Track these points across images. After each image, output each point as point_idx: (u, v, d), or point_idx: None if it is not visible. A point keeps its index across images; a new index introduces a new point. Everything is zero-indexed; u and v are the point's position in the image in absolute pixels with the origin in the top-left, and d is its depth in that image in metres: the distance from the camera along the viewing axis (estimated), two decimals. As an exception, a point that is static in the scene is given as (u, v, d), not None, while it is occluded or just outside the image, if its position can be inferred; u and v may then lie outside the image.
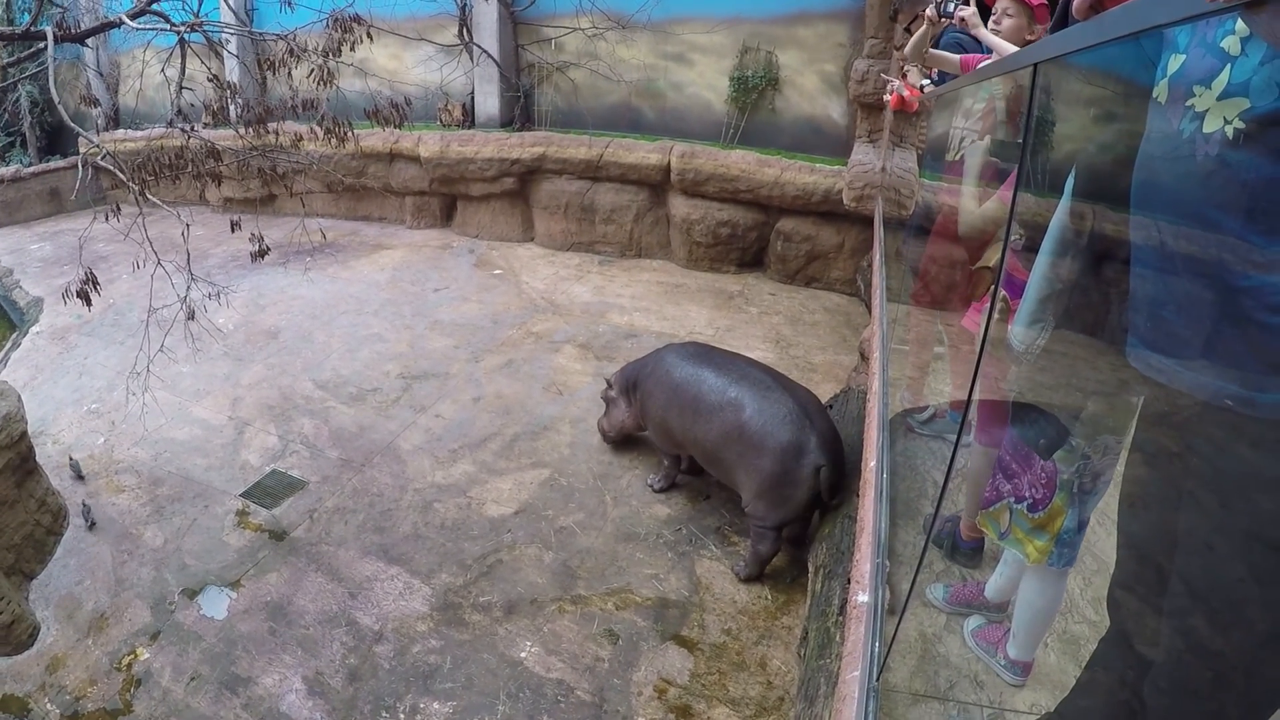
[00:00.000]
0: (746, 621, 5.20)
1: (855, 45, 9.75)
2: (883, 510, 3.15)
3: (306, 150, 8.66)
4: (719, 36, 10.94)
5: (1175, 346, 1.69)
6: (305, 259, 11.56)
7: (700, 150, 10.67)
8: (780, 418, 5.49)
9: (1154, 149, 1.75)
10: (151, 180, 6.07)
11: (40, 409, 8.56)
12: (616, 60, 11.73)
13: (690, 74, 11.40)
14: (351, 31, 6.51)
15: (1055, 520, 2.52)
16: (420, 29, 12.54)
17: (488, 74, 12.59)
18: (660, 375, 6.34)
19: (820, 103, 10.56)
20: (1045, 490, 2.51)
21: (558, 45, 12.19)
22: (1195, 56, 1.59)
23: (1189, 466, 1.72)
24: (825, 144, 10.43)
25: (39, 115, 17.82)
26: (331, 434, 7.81)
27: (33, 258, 14.56)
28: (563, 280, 11.12)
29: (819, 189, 9.76)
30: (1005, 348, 2.45)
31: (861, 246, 9.79)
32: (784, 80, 10.69)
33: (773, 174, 10.07)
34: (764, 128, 10.89)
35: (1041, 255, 2.24)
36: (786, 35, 10.50)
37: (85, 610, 6.07)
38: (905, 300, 6.06)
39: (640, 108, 11.90)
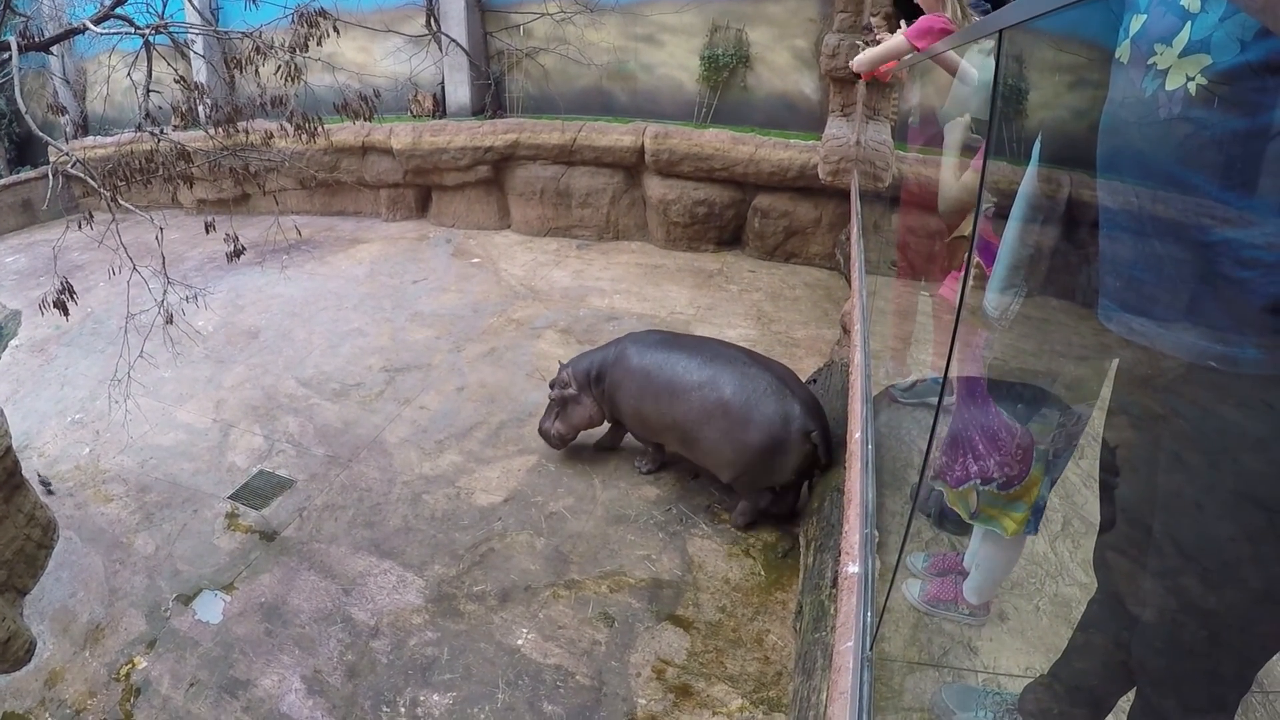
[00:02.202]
0: (741, 598, 5.23)
1: (825, 20, 9.72)
2: (869, 481, 3.17)
3: (278, 148, 8.62)
4: (688, 16, 10.90)
5: (1151, 307, 1.71)
6: (282, 257, 11.49)
7: (674, 130, 10.65)
8: (761, 390, 5.56)
9: (1118, 109, 1.76)
10: (123, 186, 6.04)
11: (24, 422, 8.51)
12: (586, 44, 11.68)
13: (661, 55, 11.37)
14: (318, 26, 6.47)
15: (1031, 490, 2.54)
16: (387, 20, 12.45)
17: (457, 63, 12.52)
18: (628, 363, 6.17)
19: (792, 79, 10.55)
20: (1019, 466, 2.53)
21: (526, 31, 12.13)
22: (1156, 15, 1.60)
23: (1174, 427, 1.74)
24: (799, 120, 10.43)
25: (6, 126, 17.64)
26: (317, 431, 7.79)
27: (7, 270, 14.41)
28: (541, 266, 11.11)
29: (794, 165, 9.76)
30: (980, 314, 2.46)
31: (839, 220, 9.81)
32: (755, 57, 10.67)
33: (747, 151, 10.07)
34: (737, 106, 10.88)
35: (1011, 222, 2.26)
36: (756, 12, 10.47)
37: (80, 622, 6.05)
38: (884, 272, 6.09)
39: (612, 90, 11.86)
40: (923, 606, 3.10)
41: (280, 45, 6.57)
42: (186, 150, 6.56)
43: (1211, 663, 1.78)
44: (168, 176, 6.53)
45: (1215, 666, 1.79)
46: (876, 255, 6.40)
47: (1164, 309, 1.68)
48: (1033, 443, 2.50)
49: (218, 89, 10.32)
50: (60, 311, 5.25)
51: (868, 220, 6.98)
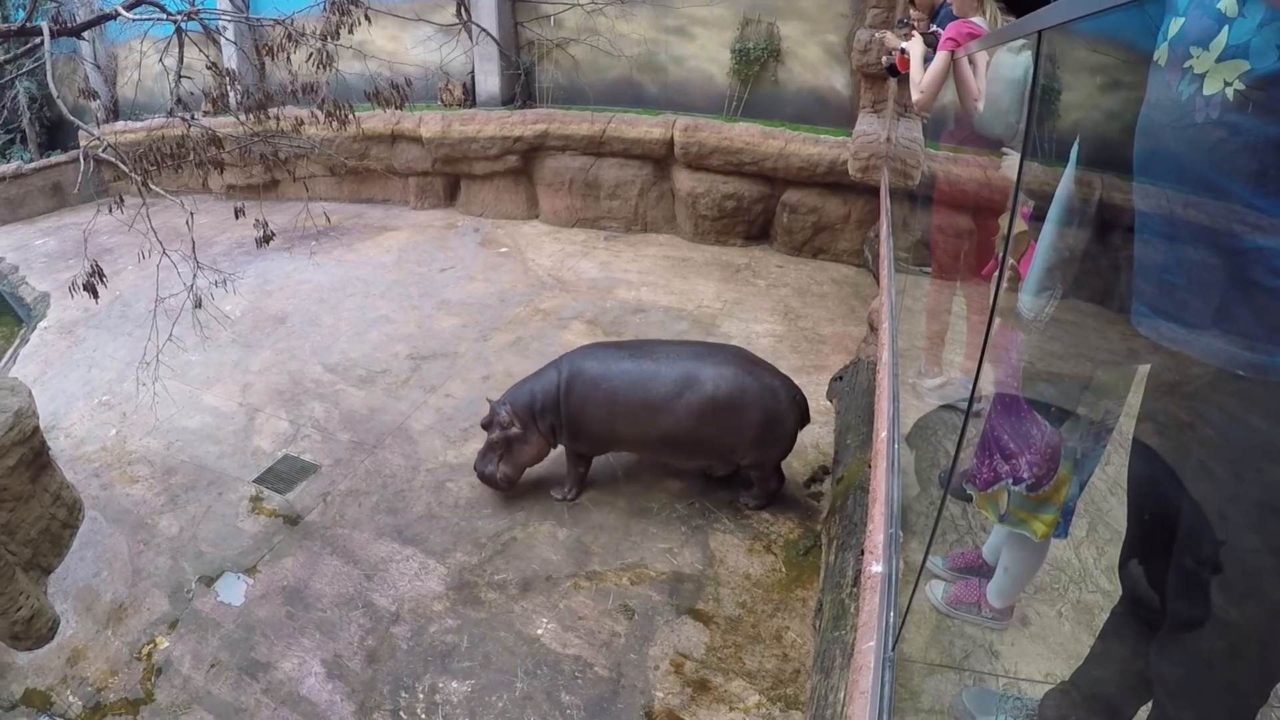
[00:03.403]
0: (761, 594, 5.22)
1: (857, 15, 9.67)
2: (895, 481, 3.15)
3: (308, 135, 8.65)
4: (719, 9, 10.86)
5: (1182, 312, 1.69)
6: (310, 243, 11.56)
7: (704, 123, 10.61)
8: (735, 374, 5.66)
9: (1155, 113, 1.74)
10: (154, 170, 6.07)
11: (51, 403, 8.61)
12: (616, 35, 11.66)
13: (691, 47, 11.34)
14: (349, 14, 6.49)
15: (1060, 491, 2.52)
16: (418, 9, 12.48)
17: (487, 53, 12.54)
18: (586, 389, 5.85)
19: (823, 73, 10.50)
20: (1048, 466, 2.51)
21: (557, 21, 12.12)
22: (1194, 18, 1.58)
23: (1201, 435, 1.72)
24: (829, 115, 10.37)
25: (38, 111, 17.83)
26: (342, 417, 7.84)
27: (37, 253, 14.58)
28: (569, 257, 11.12)
29: (824, 160, 9.71)
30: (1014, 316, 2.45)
31: (868, 217, 9.76)
32: (786, 51, 10.62)
33: (777, 146, 10.03)
34: (767, 100, 10.83)
35: (1048, 224, 2.24)
36: (787, 6, 10.42)
37: (104, 602, 6.12)
38: (913, 270, 6.05)
39: (642, 82, 11.84)
40: (945, 608, 3.08)
41: (312, 33, 6.59)
42: (218, 136, 6.60)
43: (1231, 675, 1.77)
44: (199, 162, 6.55)
45: (1234, 678, 1.77)
46: (906, 253, 6.35)
47: (1195, 314, 1.66)
48: (1061, 441, 2.49)
49: (248, 75, 10.38)
50: (90, 294, 5.29)
51: (897, 217, 6.93)
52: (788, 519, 5.81)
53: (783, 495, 6.05)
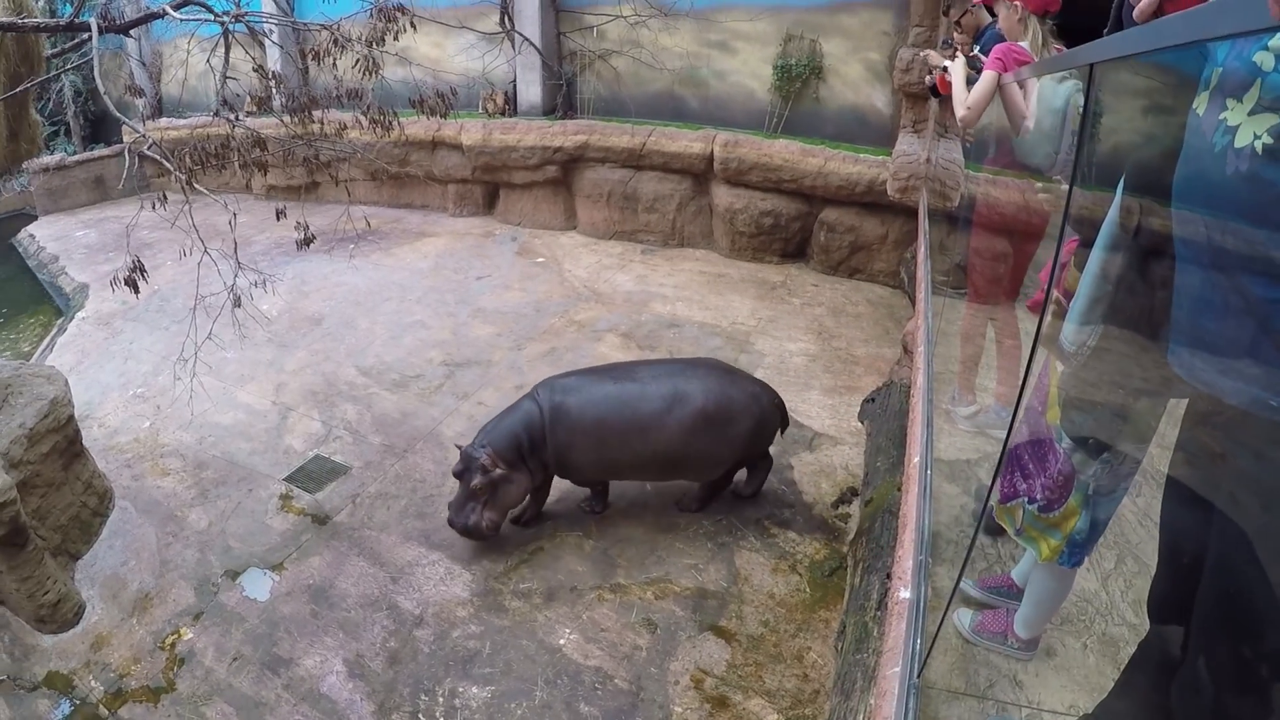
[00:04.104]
0: (784, 614, 5.20)
1: (900, 33, 9.65)
2: (927, 507, 3.14)
3: (350, 138, 8.74)
4: (762, 24, 10.88)
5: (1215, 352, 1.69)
6: (349, 246, 11.67)
7: (744, 139, 10.62)
8: (719, 383, 5.74)
9: (1192, 161, 1.74)
10: (197, 169, 6.15)
11: (87, 393, 8.73)
12: (659, 48, 11.71)
13: (733, 62, 11.35)
14: (395, 21, 6.54)
15: (1068, 521, 2.54)
16: (462, 17, 12.56)
17: (530, 62, 12.62)
18: (572, 417, 5.71)
19: (865, 92, 10.48)
20: (1059, 492, 2.52)
21: (600, 33, 12.19)
22: (1230, 70, 1.58)
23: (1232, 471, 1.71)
24: (870, 134, 10.35)
25: (82, 104, 18.22)
26: (374, 420, 7.89)
27: (78, 244, 14.82)
28: (605, 269, 11.15)
29: (863, 179, 9.69)
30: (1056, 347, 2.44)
31: (905, 238, 9.71)
32: (828, 69, 10.61)
33: (816, 164, 10.01)
34: (808, 117, 10.82)
35: (1093, 258, 2.23)
36: (830, 23, 10.42)
37: (130, 590, 6.19)
38: (950, 293, 6.01)
39: (683, 96, 11.87)
40: (972, 637, 3.07)
41: (357, 38, 6.65)
42: (262, 138, 6.67)
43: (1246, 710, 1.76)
44: (243, 163, 6.63)
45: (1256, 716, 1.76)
46: (943, 276, 6.32)
47: (1227, 355, 1.66)
48: (1074, 473, 2.49)
49: (292, 78, 10.50)
50: (131, 289, 5.36)
51: (935, 239, 6.90)
52: (814, 539, 5.79)
53: (811, 515, 6.03)
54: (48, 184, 17.07)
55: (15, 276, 14.97)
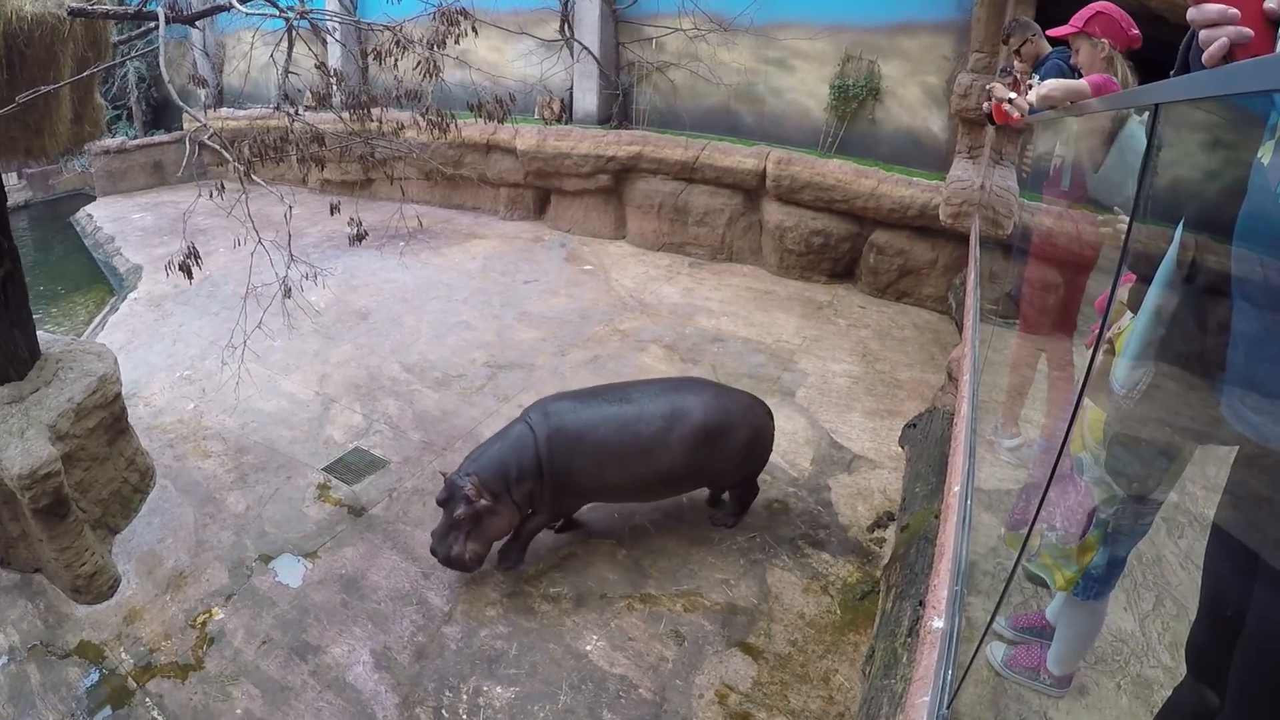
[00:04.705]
0: (813, 634, 5.18)
1: (959, 58, 9.59)
2: (965, 537, 3.11)
3: (406, 138, 8.82)
4: (821, 43, 10.86)
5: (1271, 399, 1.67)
6: (399, 244, 11.78)
7: (797, 157, 10.61)
8: (715, 398, 5.76)
9: (1253, 211, 1.73)
10: (256, 160, 6.24)
11: (134, 372, 8.90)
12: (717, 62, 11.73)
13: (790, 80, 11.34)
14: (457, 24, 6.60)
15: (1085, 554, 2.54)
16: (522, 23, 12.66)
17: (587, 70, 12.70)
18: (573, 443, 5.54)
19: (921, 115, 10.42)
20: (1078, 524, 2.51)
21: (658, 45, 12.23)
22: None
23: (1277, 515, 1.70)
24: (924, 157, 10.29)
25: (145, 91, 18.68)
26: (415, 416, 7.96)
27: (134, 227, 15.13)
28: (652, 280, 11.18)
29: (915, 203, 9.63)
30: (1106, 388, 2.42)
31: (955, 264, 9.64)
32: (885, 91, 10.57)
33: (869, 185, 9.98)
34: (863, 138, 10.78)
35: (1149, 299, 2.21)
36: (890, 45, 10.38)
37: (165, 567, 6.30)
38: (998, 322, 5.96)
39: (739, 111, 11.88)
40: (1005, 671, 3.04)
41: (419, 40, 6.72)
42: (321, 133, 6.76)
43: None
44: (301, 157, 6.72)
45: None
46: (992, 304, 6.27)
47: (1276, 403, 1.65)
48: (1094, 506, 2.47)
49: (353, 76, 10.62)
50: (185, 274, 5.44)
51: (985, 267, 6.85)
52: (847, 561, 5.76)
53: (845, 537, 6.01)
54: (108, 166, 17.54)
55: (71, 254, 15.31)
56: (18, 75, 4.97)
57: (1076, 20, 4.30)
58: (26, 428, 5.90)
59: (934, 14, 9.98)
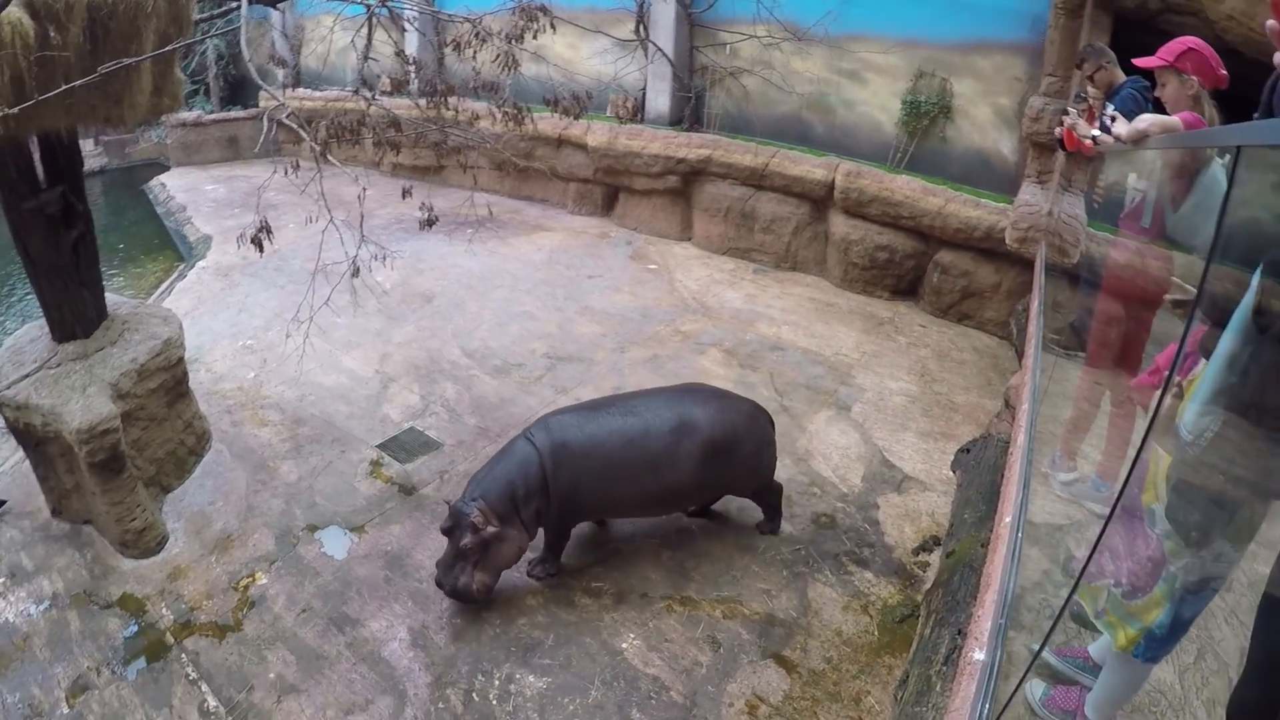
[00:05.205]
0: (849, 653, 5.16)
1: (1032, 81, 9.44)
2: (1013, 570, 3.09)
3: (480, 128, 8.92)
4: (895, 58, 10.76)
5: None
6: (468, 231, 11.91)
7: (866, 171, 10.54)
8: (716, 410, 5.70)
9: None
10: (332, 141, 6.35)
11: (198, 338, 9.13)
12: (790, 71, 11.69)
13: (863, 93, 11.27)
14: (536, 20, 6.67)
15: (1150, 612, 2.46)
16: (598, 21, 12.70)
17: (661, 72, 12.73)
18: (579, 459, 5.41)
19: (991, 136, 10.29)
20: (1146, 579, 2.45)
21: (733, 50, 12.22)
22: None
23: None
24: (993, 179, 10.15)
25: (223, 68, 19.29)
26: (472, 401, 8.06)
27: (206, 198, 15.51)
28: (715, 284, 11.19)
29: (982, 225, 9.53)
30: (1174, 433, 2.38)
31: (1019, 289, 9.50)
32: (957, 109, 10.44)
33: (937, 203, 9.88)
34: (932, 155, 10.68)
35: (1222, 345, 2.18)
36: (963, 63, 10.26)
37: (213, 529, 6.45)
38: (1059, 352, 5.88)
39: (810, 121, 11.82)
40: (1041, 711, 3.01)
41: (497, 33, 6.79)
42: (398, 119, 6.86)
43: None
44: (377, 141, 6.84)
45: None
46: (1055, 334, 6.18)
47: None
48: (1164, 560, 2.42)
49: (429, 65, 10.76)
50: (256, 247, 5.56)
51: (1050, 295, 6.76)
52: (889, 582, 5.73)
53: (890, 558, 5.98)
54: (184, 138, 18.15)
55: (143, 221, 15.75)
56: (100, 46, 5.11)
57: (1166, 54, 4.22)
58: (89, 384, 6.09)
59: (1008, 34, 9.84)
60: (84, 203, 6.45)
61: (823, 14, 10.96)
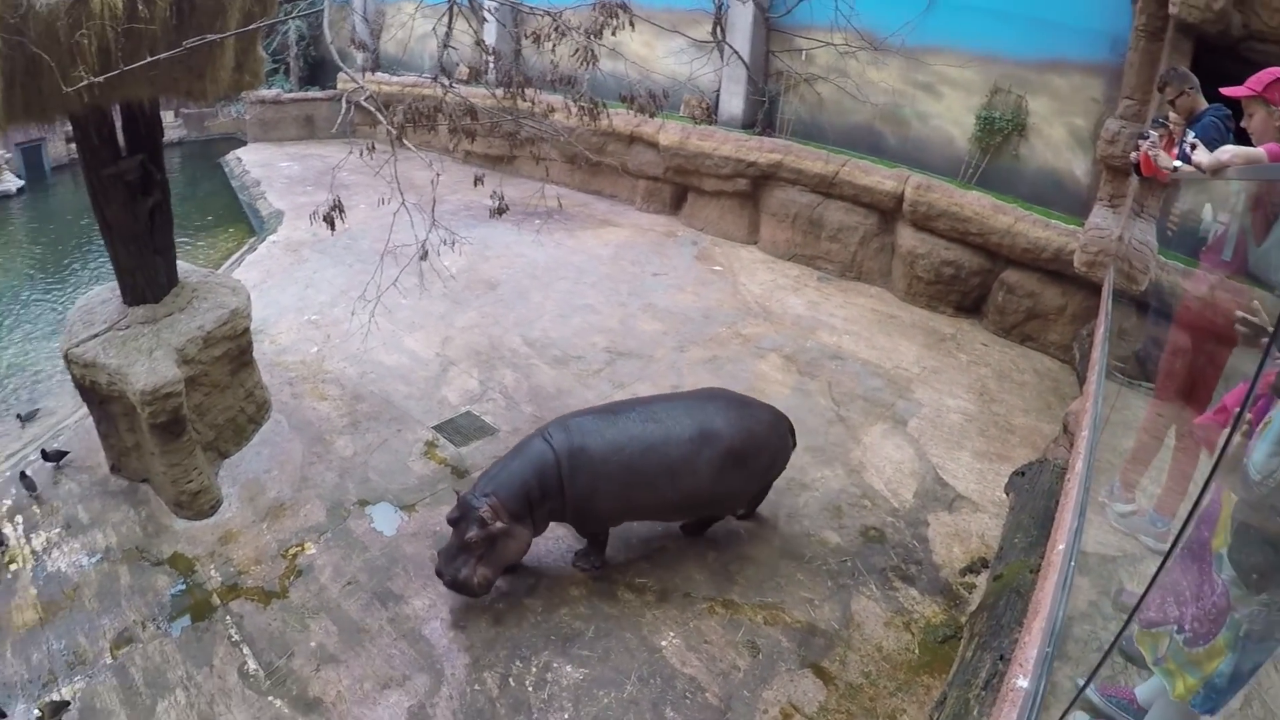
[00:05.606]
0: (888, 669, 5.16)
1: (1109, 102, 9.25)
2: (1063, 599, 3.06)
3: (554, 120, 8.98)
4: (971, 72, 10.63)
5: None
6: (536, 221, 12.01)
7: (936, 185, 10.44)
8: (739, 417, 5.71)
9: None
10: (408, 125, 6.45)
11: (265, 310, 9.35)
12: (865, 80, 11.60)
13: (937, 106, 11.15)
14: (616, 17, 6.70)
15: (1212, 660, 2.39)
16: (675, 21, 12.66)
17: (735, 74, 12.72)
18: (597, 464, 5.37)
19: (1065, 156, 10.12)
20: (1209, 626, 2.39)
21: (808, 57, 12.16)
22: None
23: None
24: (1064, 200, 9.98)
25: (303, 49, 19.88)
26: (530, 390, 8.15)
27: (280, 174, 15.85)
28: (779, 289, 11.18)
29: (1050, 246, 9.38)
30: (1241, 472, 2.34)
31: (1084, 313, 9.33)
32: (1031, 127, 10.28)
33: (1006, 222, 9.75)
34: (1004, 173, 10.53)
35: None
36: (1039, 81, 10.10)
37: (267, 497, 6.63)
38: (1123, 380, 5.78)
39: (882, 132, 11.73)
40: None
41: (576, 27, 6.84)
42: (474, 107, 6.94)
43: None
44: (452, 128, 6.92)
45: None
46: (1121, 362, 6.07)
47: None
48: (1229, 608, 2.37)
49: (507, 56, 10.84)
50: (328, 225, 5.69)
51: (1116, 322, 6.63)
52: (934, 601, 5.70)
53: (936, 577, 5.94)
54: (262, 115, 18.69)
55: (218, 193, 16.17)
56: (186, 22, 5.30)
57: (1255, 83, 4.12)
58: (155, 348, 6.30)
59: (1086, 54, 9.67)
60: (162, 172, 6.67)
61: (901, 24, 10.87)
